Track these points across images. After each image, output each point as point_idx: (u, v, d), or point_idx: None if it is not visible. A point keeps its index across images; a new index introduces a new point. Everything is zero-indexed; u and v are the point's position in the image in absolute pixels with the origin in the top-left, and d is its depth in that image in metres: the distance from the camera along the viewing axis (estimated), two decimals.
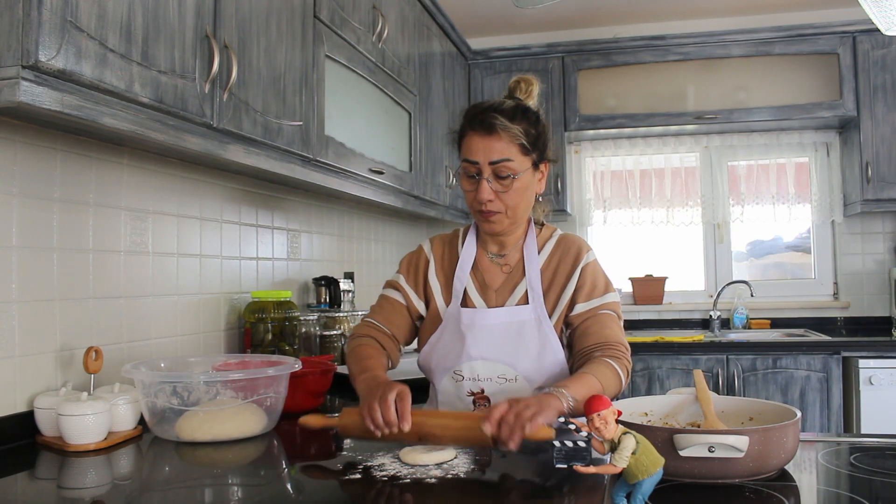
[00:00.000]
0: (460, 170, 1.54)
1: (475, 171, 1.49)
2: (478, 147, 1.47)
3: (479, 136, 1.48)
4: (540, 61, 3.94)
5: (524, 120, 1.49)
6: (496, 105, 1.50)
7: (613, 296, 1.56)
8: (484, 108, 1.50)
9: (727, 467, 1.10)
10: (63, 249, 1.61)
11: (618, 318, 1.55)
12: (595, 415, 0.97)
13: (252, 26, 1.77)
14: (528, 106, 1.53)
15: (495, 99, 1.55)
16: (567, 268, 1.56)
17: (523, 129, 1.48)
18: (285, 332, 2.24)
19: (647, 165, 4.17)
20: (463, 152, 1.52)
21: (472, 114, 1.51)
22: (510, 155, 1.46)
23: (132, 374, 1.47)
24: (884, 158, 3.54)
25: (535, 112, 1.54)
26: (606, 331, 1.50)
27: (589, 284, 1.54)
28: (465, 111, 1.55)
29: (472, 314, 1.55)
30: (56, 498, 1.20)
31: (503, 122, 1.46)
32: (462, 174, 1.53)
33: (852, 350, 3.27)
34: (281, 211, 2.55)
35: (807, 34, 3.66)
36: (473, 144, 1.48)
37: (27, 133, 1.51)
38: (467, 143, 1.50)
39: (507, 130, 1.46)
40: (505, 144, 1.46)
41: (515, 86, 1.58)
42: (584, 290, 1.54)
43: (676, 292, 4.19)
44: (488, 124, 1.46)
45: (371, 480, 1.15)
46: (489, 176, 1.47)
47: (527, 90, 1.57)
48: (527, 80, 1.59)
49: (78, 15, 1.22)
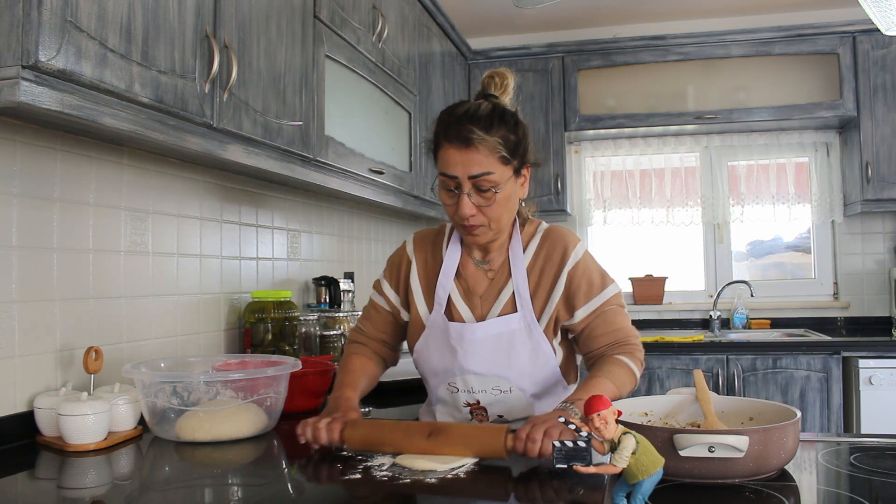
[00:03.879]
0: (438, 182, 1.44)
1: (454, 185, 1.40)
2: (455, 161, 1.38)
3: (455, 149, 1.38)
4: (540, 61, 3.94)
5: (502, 126, 1.39)
6: (472, 112, 1.40)
7: (613, 287, 1.50)
8: (458, 116, 1.40)
9: (727, 467, 1.10)
10: (63, 249, 1.61)
11: (621, 309, 1.50)
12: (595, 415, 0.97)
13: (252, 26, 1.77)
14: (504, 108, 1.44)
15: (470, 102, 1.44)
16: (553, 269, 1.49)
17: (502, 137, 1.38)
18: (285, 332, 2.23)
19: (647, 165, 4.17)
20: (440, 165, 1.42)
21: (447, 123, 1.41)
22: (490, 168, 1.37)
23: (132, 374, 1.47)
24: (884, 158, 3.54)
25: (513, 113, 1.44)
26: (614, 327, 1.47)
27: (585, 286, 1.47)
28: (439, 118, 1.44)
29: (461, 329, 1.49)
30: (56, 498, 1.19)
31: (480, 134, 1.36)
32: (440, 187, 1.44)
33: (852, 350, 3.27)
34: (281, 211, 2.55)
35: (807, 34, 3.65)
36: (450, 158, 1.39)
37: (27, 133, 1.51)
38: (444, 155, 1.40)
39: (485, 143, 1.36)
40: (484, 157, 1.37)
41: (489, 82, 1.50)
42: (581, 294, 1.47)
43: (676, 292, 4.19)
44: (464, 137, 1.36)
45: (371, 480, 1.15)
46: (470, 190, 1.39)
47: (502, 85, 1.49)
48: (500, 73, 1.51)
49: (78, 15, 1.22)
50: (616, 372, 1.39)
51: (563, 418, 1.10)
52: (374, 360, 1.59)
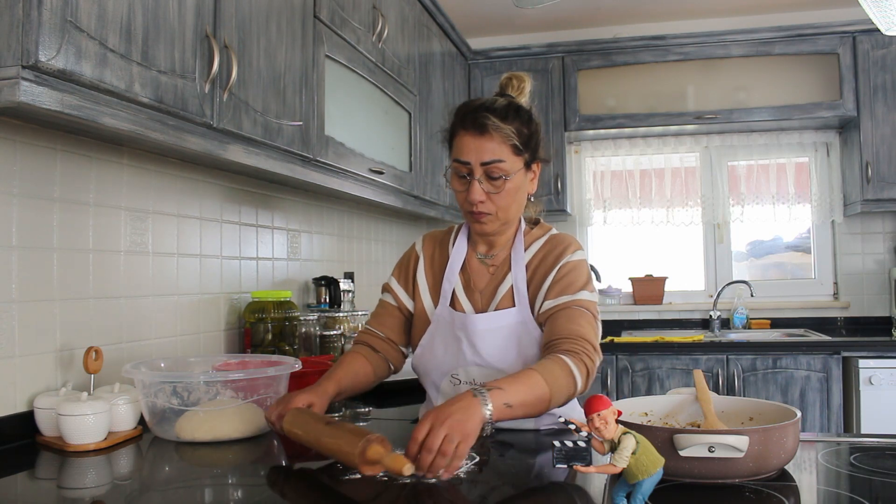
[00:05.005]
0: (451, 169, 1.50)
1: (466, 171, 1.46)
2: (469, 147, 1.45)
3: (470, 135, 1.45)
4: (540, 61, 3.94)
5: (516, 119, 1.46)
6: (488, 104, 1.47)
7: (590, 295, 1.47)
8: (475, 106, 1.47)
9: (727, 467, 1.10)
10: (63, 249, 1.61)
11: (591, 316, 1.44)
12: (595, 415, 0.97)
13: (252, 26, 1.77)
14: (520, 104, 1.50)
15: (487, 97, 1.51)
16: (548, 266, 1.51)
17: (515, 128, 1.45)
18: (285, 332, 2.23)
19: (647, 165, 4.17)
20: (454, 152, 1.49)
21: (464, 112, 1.48)
22: (502, 155, 1.44)
23: (132, 374, 1.47)
24: (884, 158, 3.54)
25: (528, 111, 1.51)
26: (572, 325, 1.40)
27: (564, 282, 1.47)
28: (456, 109, 1.52)
29: (464, 319, 1.51)
30: (56, 498, 1.19)
31: (495, 122, 1.43)
32: (453, 174, 1.50)
33: (852, 350, 3.27)
34: (281, 211, 2.55)
35: (807, 34, 3.66)
36: (465, 144, 1.45)
37: (27, 133, 1.51)
38: (458, 142, 1.47)
39: (500, 130, 1.43)
40: (497, 145, 1.43)
41: (507, 83, 1.56)
42: (557, 287, 1.46)
43: (676, 292, 4.19)
44: (480, 124, 1.43)
45: (370, 480, 1.14)
46: (480, 176, 1.45)
47: (518, 87, 1.55)
48: (518, 76, 1.56)
49: (78, 15, 1.22)
50: (551, 368, 1.30)
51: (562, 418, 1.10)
52: (372, 361, 1.58)
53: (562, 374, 1.31)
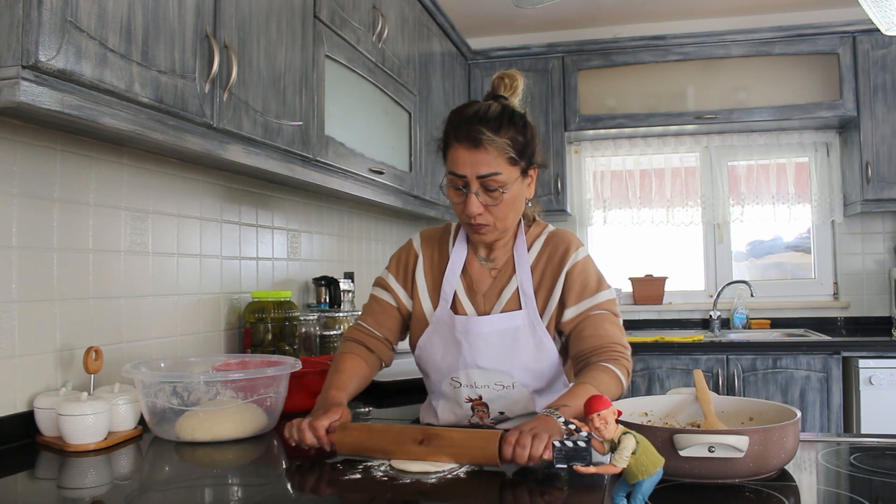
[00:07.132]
0: (446, 180, 1.47)
1: (462, 184, 1.43)
2: (464, 160, 1.41)
3: (464, 148, 1.41)
4: (540, 61, 3.94)
5: (511, 128, 1.42)
6: (481, 113, 1.42)
7: (607, 293, 1.50)
8: (468, 116, 1.43)
9: (727, 467, 1.10)
10: (63, 249, 1.61)
11: (614, 317, 1.49)
12: (595, 415, 0.97)
13: (252, 26, 1.77)
14: (514, 109, 1.46)
15: (480, 103, 1.47)
16: (554, 268, 1.51)
17: (510, 138, 1.41)
18: (285, 332, 2.23)
19: (647, 165, 4.17)
20: (448, 163, 1.46)
21: (457, 123, 1.44)
22: (498, 168, 1.40)
23: (132, 374, 1.47)
24: (884, 158, 3.54)
25: (522, 115, 1.47)
26: (601, 332, 1.45)
27: (578, 286, 1.49)
28: (449, 118, 1.48)
29: (466, 322, 1.51)
30: (56, 498, 1.19)
31: (490, 136, 1.39)
32: (449, 185, 1.47)
33: (852, 350, 3.27)
34: (281, 211, 2.55)
35: (807, 34, 3.66)
36: (459, 157, 1.42)
37: (27, 133, 1.51)
38: (453, 154, 1.44)
39: (494, 143, 1.39)
40: (492, 157, 1.40)
41: (499, 82, 1.53)
42: (573, 293, 1.48)
43: (676, 292, 4.19)
44: (474, 138, 1.39)
45: (370, 480, 1.15)
46: (477, 189, 1.42)
47: (511, 86, 1.51)
48: (510, 75, 1.53)
49: (78, 15, 1.22)
50: (602, 378, 1.36)
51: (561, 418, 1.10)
52: (367, 360, 1.56)
53: (611, 382, 1.37)
